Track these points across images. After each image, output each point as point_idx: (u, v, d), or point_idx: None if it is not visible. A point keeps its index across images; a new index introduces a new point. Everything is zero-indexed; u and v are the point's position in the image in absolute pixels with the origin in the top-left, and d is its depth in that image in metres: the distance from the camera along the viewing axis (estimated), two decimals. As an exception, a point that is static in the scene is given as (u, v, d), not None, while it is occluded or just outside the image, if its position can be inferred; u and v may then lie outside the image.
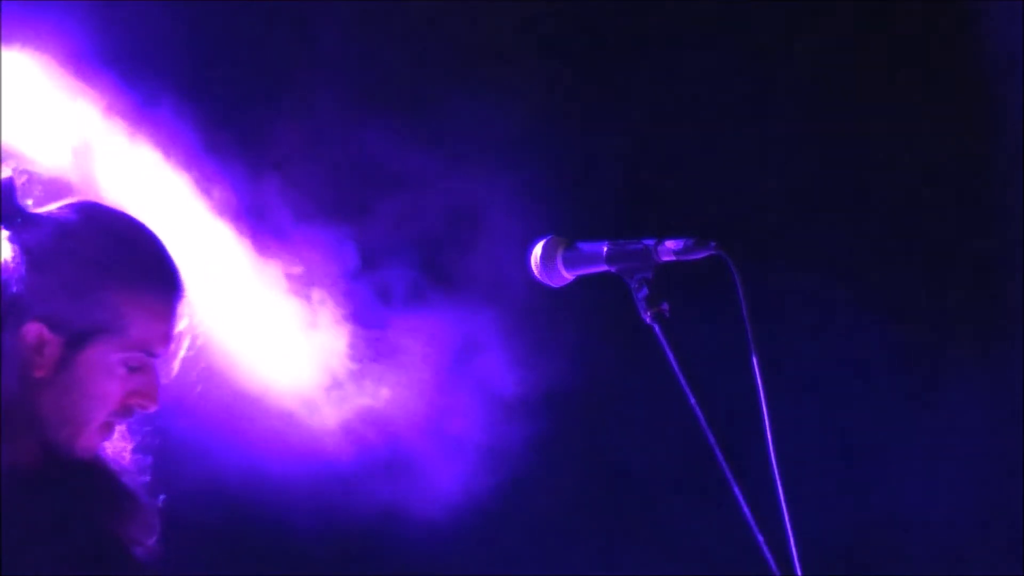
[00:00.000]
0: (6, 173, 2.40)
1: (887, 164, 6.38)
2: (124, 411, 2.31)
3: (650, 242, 2.44)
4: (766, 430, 2.34)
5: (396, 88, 6.08)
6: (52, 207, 2.41)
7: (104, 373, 2.30)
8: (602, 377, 6.32)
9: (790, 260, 6.02)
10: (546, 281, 2.57)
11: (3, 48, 5.09)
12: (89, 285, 2.31)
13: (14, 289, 2.29)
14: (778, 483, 2.32)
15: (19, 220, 2.35)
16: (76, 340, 2.28)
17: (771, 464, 2.33)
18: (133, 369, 2.30)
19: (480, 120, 6.09)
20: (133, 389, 2.31)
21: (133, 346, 2.31)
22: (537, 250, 2.56)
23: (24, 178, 2.42)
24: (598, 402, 6.34)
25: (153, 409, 2.33)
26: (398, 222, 6.04)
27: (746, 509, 2.25)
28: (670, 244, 2.43)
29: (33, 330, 2.27)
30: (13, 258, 2.31)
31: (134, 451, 2.42)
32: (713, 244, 2.41)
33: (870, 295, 6.18)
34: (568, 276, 2.56)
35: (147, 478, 2.42)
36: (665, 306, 2.41)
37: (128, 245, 2.37)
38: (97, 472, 2.32)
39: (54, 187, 5.42)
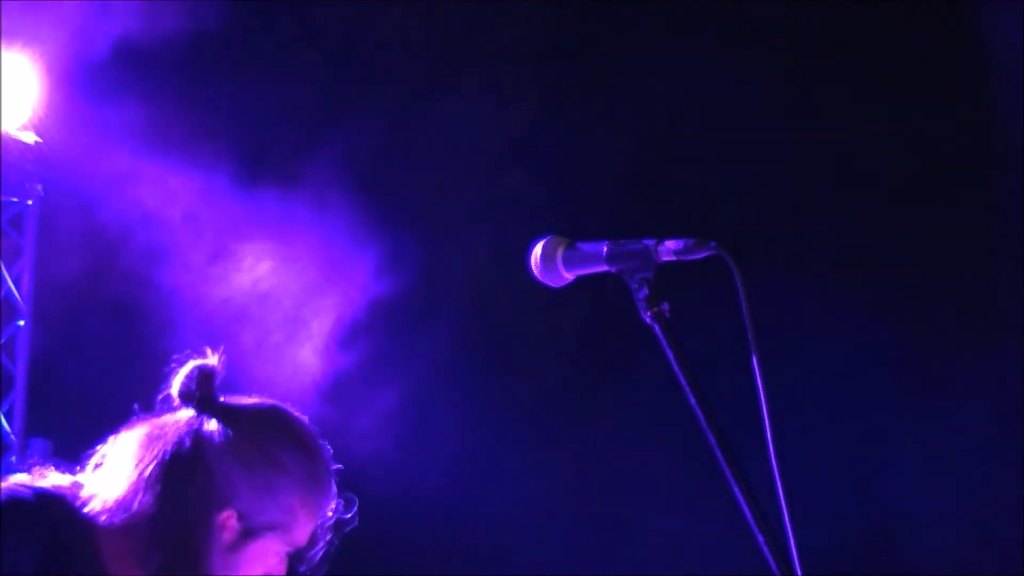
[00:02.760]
0: (211, 361, 2.52)
1: (887, 164, 6.38)
2: None
3: (650, 242, 2.44)
4: (766, 430, 2.34)
5: (396, 88, 6.08)
6: (240, 400, 2.52)
7: (264, 563, 2.45)
8: (602, 377, 6.32)
9: (790, 260, 6.02)
10: (546, 281, 2.56)
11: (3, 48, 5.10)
12: (275, 487, 2.42)
13: (216, 479, 2.43)
14: (778, 483, 2.31)
15: (215, 407, 2.48)
16: (252, 532, 2.42)
17: (771, 464, 2.32)
18: (286, 559, 2.47)
19: (480, 120, 6.09)
20: (274, 573, 2.49)
21: (295, 544, 2.46)
22: (537, 250, 2.56)
23: (223, 361, 2.53)
24: (598, 402, 6.34)
25: None
26: (400, 220, 6.04)
27: (746, 509, 2.24)
28: (670, 244, 2.42)
29: (230, 519, 2.42)
30: (214, 447, 2.43)
31: None
32: (713, 244, 2.40)
33: (870, 295, 6.18)
34: (568, 276, 2.55)
35: None
36: (665, 306, 2.40)
37: (311, 454, 2.53)
38: None
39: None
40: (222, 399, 2.54)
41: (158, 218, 5.56)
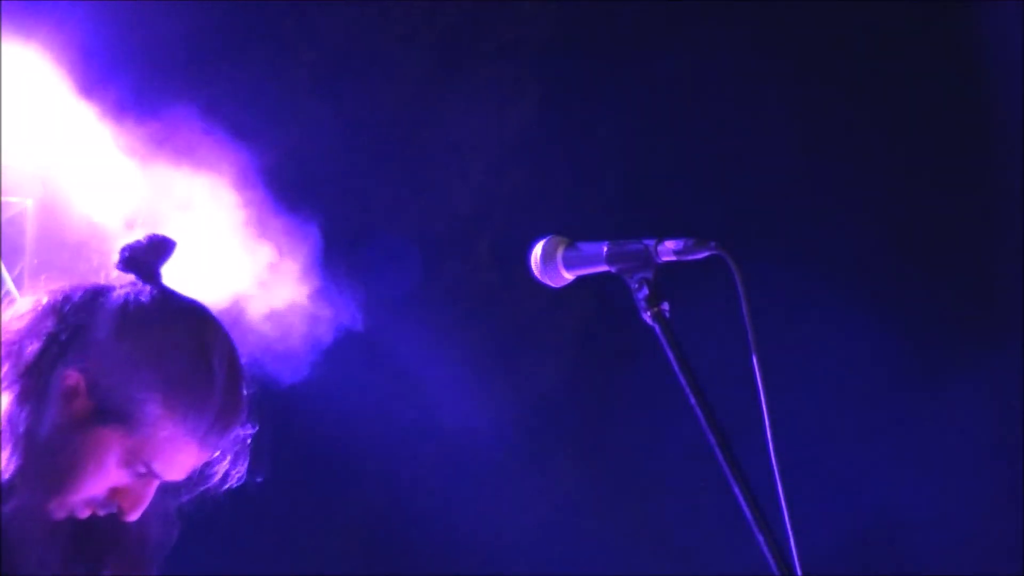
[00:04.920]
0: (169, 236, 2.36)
1: (887, 164, 6.38)
2: (105, 504, 2.27)
3: (650, 242, 2.44)
4: (766, 430, 2.34)
5: (396, 88, 6.08)
6: (186, 292, 2.36)
7: (104, 459, 2.25)
8: (602, 376, 6.32)
9: (790, 260, 6.02)
10: (546, 281, 2.57)
11: (3, 47, 5.09)
12: (145, 380, 2.26)
13: (89, 334, 2.25)
14: (778, 483, 2.32)
15: (148, 279, 2.31)
16: (100, 413, 2.24)
17: (771, 464, 2.32)
18: (134, 474, 2.26)
19: (480, 120, 6.09)
20: (121, 488, 2.27)
21: (142, 457, 2.26)
22: (537, 250, 2.56)
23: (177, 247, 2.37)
24: (597, 402, 6.34)
25: (130, 517, 2.28)
26: (398, 219, 6.04)
27: (746, 509, 2.24)
28: (670, 244, 2.42)
29: (73, 377, 2.24)
30: (111, 309, 2.27)
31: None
32: (713, 244, 2.40)
33: (871, 295, 6.18)
34: (568, 276, 2.56)
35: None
36: (665, 306, 2.40)
37: (206, 375, 2.30)
38: (70, 529, 2.27)
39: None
40: (160, 279, 2.36)
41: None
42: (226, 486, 2.44)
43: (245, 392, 2.33)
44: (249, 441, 2.41)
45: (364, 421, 5.78)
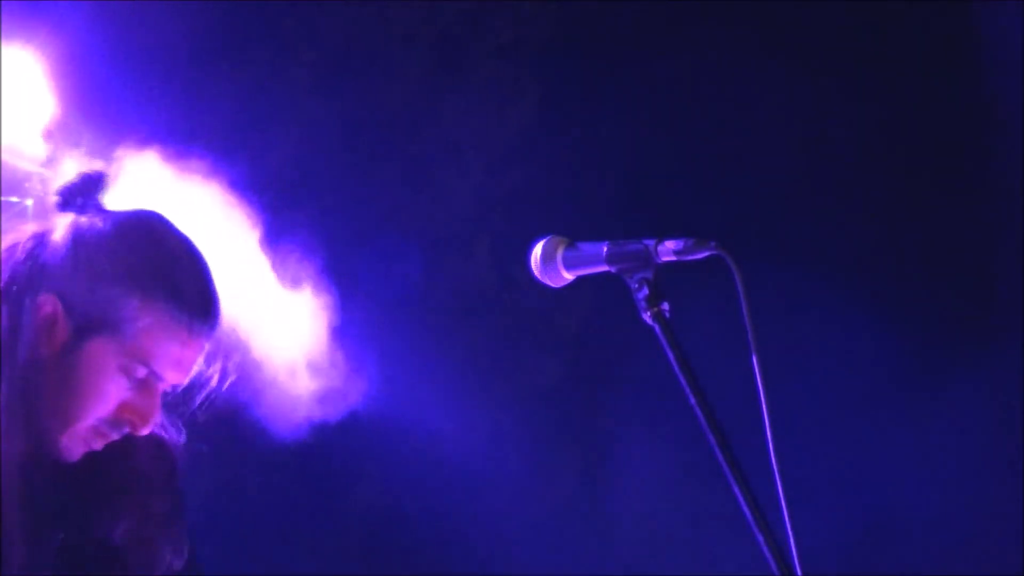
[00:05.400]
0: (98, 168, 2.39)
1: (887, 165, 6.38)
2: (115, 423, 2.26)
3: (650, 242, 2.44)
4: (766, 430, 2.34)
5: (396, 88, 6.08)
6: (125, 209, 2.38)
7: (102, 372, 2.25)
8: (601, 377, 6.32)
9: (790, 260, 6.02)
10: (546, 281, 2.57)
11: (3, 46, 5.09)
12: (114, 281, 2.27)
13: (46, 260, 2.27)
14: (778, 483, 2.32)
15: (90, 209, 2.34)
16: (84, 329, 2.24)
17: (771, 464, 2.32)
18: (135, 382, 2.25)
19: (480, 120, 6.09)
20: (128, 402, 2.26)
21: (136, 356, 2.26)
22: (537, 250, 2.56)
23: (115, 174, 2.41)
24: (597, 402, 6.34)
25: (141, 431, 2.27)
26: (400, 219, 6.04)
27: (746, 509, 2.25)
28: (670, 244, 2.42)
29: (48, 303, 2.25)
30: (62, 236, 2.30)
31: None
32: (713, 244, 2.40)
33: (870, 295, 6.18)
34: (568, 276, 2.56)
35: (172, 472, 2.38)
36: (665, 306, 2.40)
37: (171, 263, 2.33)
38: (80, 475, 2.26)
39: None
40: (101, 204, 2.38)
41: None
42: (226, 384, 2.45)
43: (211, 278, 2.34)
44: (233, 338, 2.44)
45: (363, 421, 5.78)
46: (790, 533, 2.27)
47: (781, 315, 5.62)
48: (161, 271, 2.29)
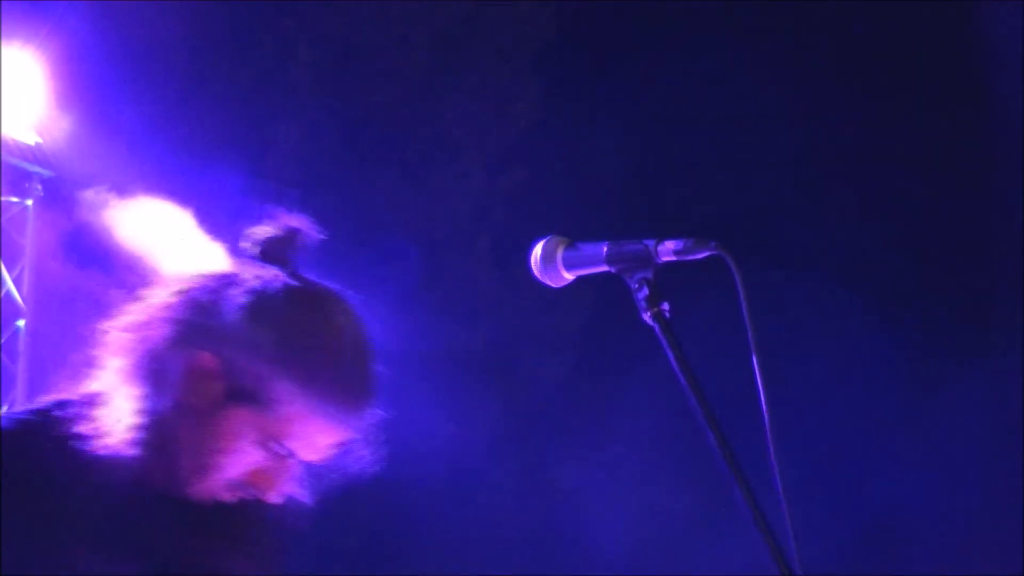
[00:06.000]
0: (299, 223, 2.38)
1: (887, 165, 6.39)
2: (245, 486, 2.28)
3: (650, 242, 2.43)
4: (766, 430, 2.34)
5: (396, 87, 6.08)
6: (308, 281, 2.36)
7: (239, 440, 2.25)
8: (601, 377, 6.32)
9: (790, 260, 6.02)
10: (546, 281, 2.56)
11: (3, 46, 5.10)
12: (275, 360, 2.26)
13: (222, 318, 2.26)
14: (778, 483, 2.31)
15: (284, 269, 2.31)
16: (233, 394, 2.23)
17: (771, 464, 2.32)
18: (272, 454, 2.26)
19: (480, 120, 6.10)
20: (261, 469, 2.27)
21: (277, 436, 2.26)
22: (537, 250, 2.55)
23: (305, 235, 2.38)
24: (597, 402, 6.35)
25: (267, 498, 2.29)
26: (400, 219, 6.04)
27: (746, 509, 2.24)
28: (670, 244, 2.41)
29: (207, 360, 2.24)
30: (240, 291, 2.27)
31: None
32: (713, 244, 2.39)
33: (871, 295, 6.19)
34: (568, 276, 2.55)
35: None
36: (665, 306, 2.39)
37: (336, 356, 2.27)
38: (211, 515, 2.27)
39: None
40: (292, 265, 2.37)
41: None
42: (359, 470, 2.43)
43: (375, 372, 2.33)
44: (381, 425, 2.42)
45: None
46: (790, 533, 2.26)
47: (781, 315, 5.63)
48: (324, 364, 2.27)
